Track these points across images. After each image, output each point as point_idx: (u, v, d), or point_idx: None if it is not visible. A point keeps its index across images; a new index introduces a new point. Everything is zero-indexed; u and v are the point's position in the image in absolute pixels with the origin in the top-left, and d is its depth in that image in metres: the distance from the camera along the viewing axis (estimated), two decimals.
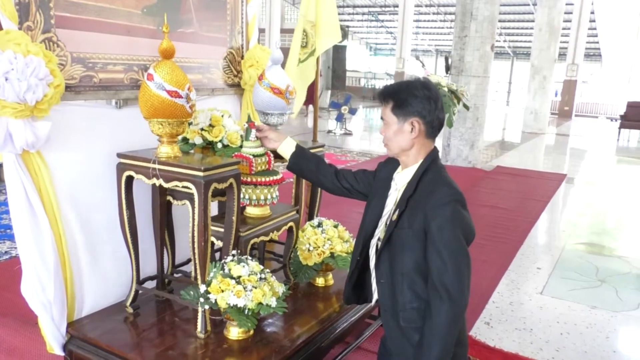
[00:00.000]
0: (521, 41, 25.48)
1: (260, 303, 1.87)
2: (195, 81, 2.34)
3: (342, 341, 2.34)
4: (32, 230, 1.79)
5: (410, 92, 1.66)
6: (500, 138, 12.21)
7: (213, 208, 2.25)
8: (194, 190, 1.83)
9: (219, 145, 2.20)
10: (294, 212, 2.41)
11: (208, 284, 1.89)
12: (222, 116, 2.26)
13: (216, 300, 1.85)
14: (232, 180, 1.94)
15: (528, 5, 20.97)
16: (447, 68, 7.98)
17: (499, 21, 9.17)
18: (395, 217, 1.66)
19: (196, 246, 1.90)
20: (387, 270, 1.70)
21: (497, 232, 4.72)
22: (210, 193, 1.84)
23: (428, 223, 1.58)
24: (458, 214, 1.59)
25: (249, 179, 2.15)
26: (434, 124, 1.69)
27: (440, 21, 24.84)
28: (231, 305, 1.84)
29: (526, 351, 2.71)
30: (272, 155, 2.25)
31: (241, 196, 2.08)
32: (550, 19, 12.63)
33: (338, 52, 19.07)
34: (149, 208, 2.18)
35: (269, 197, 2.20)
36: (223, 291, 1.85)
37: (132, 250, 2.08)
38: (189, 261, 2.36)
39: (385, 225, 1.74)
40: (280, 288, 1.99)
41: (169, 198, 2.16)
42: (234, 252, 2.00)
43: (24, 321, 2.52)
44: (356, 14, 26.78)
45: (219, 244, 2.10)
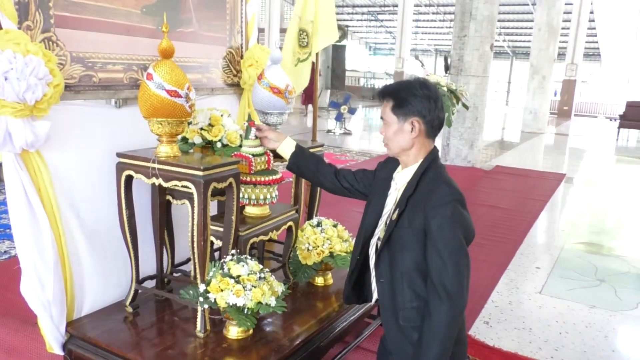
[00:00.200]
0: (520, 41, 25.48)
1: (259, 302, 1.87)
2: (194, 81, 2.34)
3: (342, 340, 2.35)
4: (32, 229, 1.79)
5: (410, 92, 1.66)
6: (499, 138, 12.21)
7: (212, 207, 2.25)
8: (194, 189, 1.83)
9: (219, 144, 2.20)
10: (293, 212, 2.41)
11: (207, 284, 1.89)
12: (222, 116, 2.26)
13: (215, 299, 1.86)
14: (232, 179, 1.94)
15: (527, 5, 20.97)
16: (447, 68, 7.98)
17: (498, 21, 9.17)
18: (395, 217, 1.66)
19: (195, 245, 1.90)
20: (387, 269, 1.70)
21: (497, 232, 4.72)
22: (209, 192, 1.84)
23: (428, 222, 1.58)
24: (458, 214, 1.59)
25: (249, 179, 2.15)
26: (434, 124, 1.69)
27: (439, 21, 24.83)
28: (230, 304, 1.84)
29: (525, 350, 2.71)
30: (272, 154, 2.26)
31: (240, 195, 2.08)
32: (549, 19, 12.63)
33: (337, 52, 19.07)
34: (149, 207, 2.18)
35: (268, 197, 2.21)
36: (222, 290, 1.85)
37: (132, 249, 2.08)
38: (189, 260, 2.36)
39: (385, 224, 1.74)
40: (279, 287, 1.99)
41: (169, 197, 2.17)
42: (234, 252, 2.00)
43: (24, 320, 2.52)
44: (355, 14, 26.78)
45: (219, 244, 2.10)
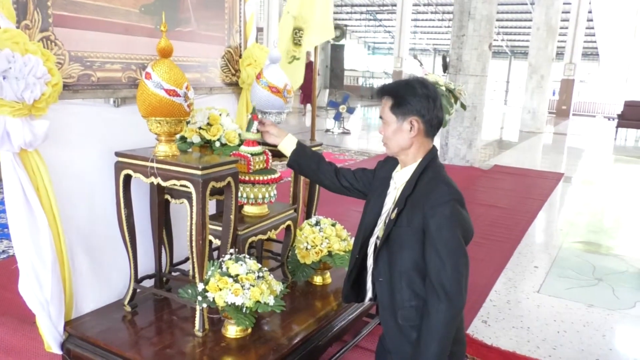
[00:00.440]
0: (519, 40, 25.48)
1: (258, 301, 1.87)
2: (193, 80, 2.34)
3: (340, 339, 2.35)
4: (30, 229, 1.79)
5: (409, 91, 1.67)
6: (498, 137, 12.22)
7: (211, 207, 2.25)
8: (192, 188, 1.83)
9: (217, 144, 2.20)
10: (292, 211, 2.41)
11: (206, 283, 1.89)
12: (220, 115, 2.27)
13: (214, 298, 1.86)
14: (230, 178, 1.94)
15: (526, 4, 20.96)
16: (445, 67, 7.97)
17: (497, 20, 9.18)
18: (394, 216, 1.67)
19: (194, 245, 1.90)
20: (386, 268, 1.70)
21: (495, 231, 4.73)
22: (208, 192, 1.84)
23: (427, 222, 1.58)
24: (457, 213, 1.59)
25: (247, 178, 2.15)
26: (433, 123, 1.69)
27: (438, 20, 24.82)
28: (229, 303, 1.85)
29: (523, 349, 2.72)
30: (270, 153, 2.26)
31: (239, 195, 2.08)
32: (547, 19, 12.64)
33: (336, 51, 19.07)
34: (147, 207, 2.18)
35: (267, 196, 2.21)
36: (221, 289, 1.86)
37: (130, 248, 2.08)
38: (187, 260, 2.36)
39: (384, 223, 1.74)
40: (278, 286, 1.99)
41: (167, 197, 2.17)
42: (232, 251, 2.00)
43: (22, 320, 2.52)
44: (354, 13, 26.75)
45: (217, 243, 2.10)
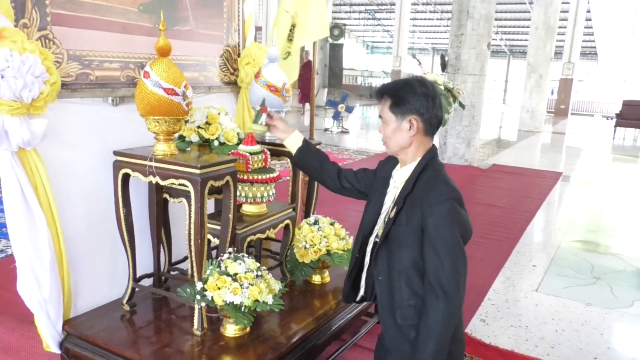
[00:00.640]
0: (517, 40, 25.51)
1: (256, 300, 1.88)
2: (191, 79, 2.34)
3: (339, 338, 2.35)
4: (28, 228, 1.79)
5: (408, 90, 1.66)
6: (496, 136, 12.23)
7: (209, 206, 2.25)
8: (191, 187, 1.83)
9: (216, 142, 2.20)
10: (291, 210, 2.41)
11: (204, 282, 1.90)
12: (219, 114, 2.27)
13: (213, 297, 1.86)
14: (229, 177, 1.94)
15: (524, 3, 20.98)
16: (444, 66, 7.97)
17: (496, 19, 9.19)
18: (393, 215, 1.66)
19: (193, 244, 1.90)
20: (385, 267, 1.70)
21: (493, 230, 4.73)
22: (206, 191, 1.84)
23: (425, 220, 1.58)
24: (455, 212, 1.59)
25: (246, 177, 2.15)
26: (432, 122, 1.69)
27: (437, 19, 24.84)
28: (228, 302, 1.85)
29: (521, 348, 2.72)
30: (269, 152, 2.26)
31: (237, 194, 2.08)
32: (546, 18, 12.65)
33: (335, 50, 19.01)
34: (146, 206, 2.18)
35: (266, 195, 2.21)
36: (219, 288, 1.86)
37: (129, 248, 2.08)
38: (186, 259, 2.36)
39: (383, 222, 1.74)
40: (276, 285, 2.00)
41: (166, 196, 2.17)
42: (231, 250, 2.00)
43: (21, 319, 2.52)
44: (353, 12, 26.75)
45: (216, 242, 2.10)
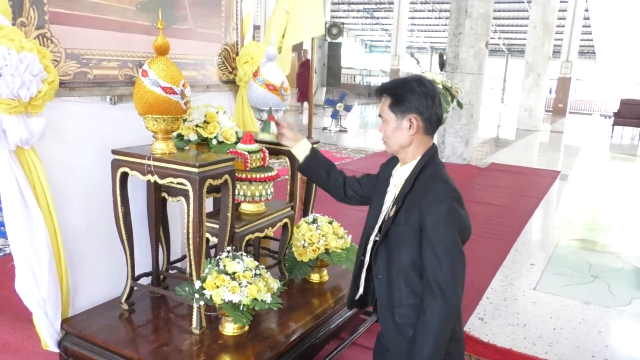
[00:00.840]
0: (516, 38, 25.55)
1: (255, 299, 1.88)
2: (190, 78, 2.34)
3: (337, 337, 2.35)
4: (26, 227, 1.79)
5: (407, 89, 1.66)
6: (494, 135, 12.24)
7: (208, 204, 2.25)
8: (189, 186, 1.83)
9: (214, 141, 2.20)
10: (289, 209, 2.41)
11: (203, 280, 1.90)
12: (217, 113, 2.26)
13: (211, 296, 1.86)
14: (227, 176, 1.94)
15: (522, 2, 21.02)
16: (442, 65, 7.97)
17: (494, 18, 9.19)
18: (392, 213, 1.67)
19: (191, 242, 1.90)
20: (384, 266, 1.70)
21: (492, 229, 4.74)
22: (205, 189, 1.84)
23: (423, 219, 1.58)
24: (453, 211, 1.59)
25: (244, 176, 2.15)
26: (432, 120, 1.68)
27: (435, 18, 24.85)
28: (226, 301, 1.85)
29: (519, 346, 2.73)
30: (267, 152, 2.26)
31: (236, 192, 2.08)
32: (544, 17, 12.66)
33: (333, 49, 18.99)
34: (144, 204, 2.18)
35: (264, 194, 2.21)
36: (218, 287, 1.86)
37: (127, 246, 2.08)
38: (184, 257, 2.36)
39: (383, 221, 1.74)
40: (275, 284, 2.00)
41: (164, 194, 2.17)
42: (229, 249, 2.00)
43: (19, 318, 2.52)
44: (351, 11, 26.75)
45: (214, 240, 2.10)
